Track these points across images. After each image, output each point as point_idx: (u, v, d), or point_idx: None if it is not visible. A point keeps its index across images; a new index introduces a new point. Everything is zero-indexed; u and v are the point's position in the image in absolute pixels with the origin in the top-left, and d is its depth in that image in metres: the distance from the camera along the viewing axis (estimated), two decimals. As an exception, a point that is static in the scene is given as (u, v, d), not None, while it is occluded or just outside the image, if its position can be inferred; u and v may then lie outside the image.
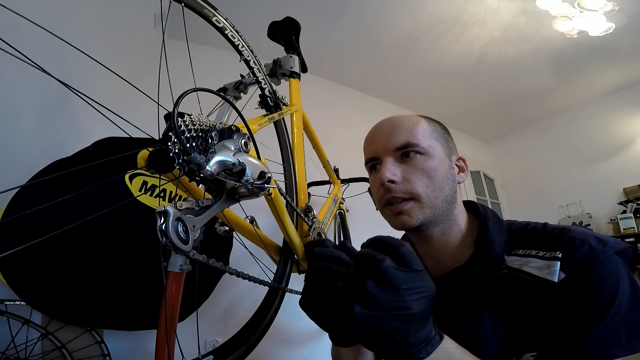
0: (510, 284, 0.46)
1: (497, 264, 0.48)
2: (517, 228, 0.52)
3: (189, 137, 0.44)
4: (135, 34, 1.58)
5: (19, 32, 0.60)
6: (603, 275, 0.40)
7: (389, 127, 0.54)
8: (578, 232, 0.45)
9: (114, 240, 0.95)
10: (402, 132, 0.52)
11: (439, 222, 0.52)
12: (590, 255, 0.41)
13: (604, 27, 2.13)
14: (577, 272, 0.41)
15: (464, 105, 3.35)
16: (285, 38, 1.23)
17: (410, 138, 0.51)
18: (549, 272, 0.43)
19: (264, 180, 0.54)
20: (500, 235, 0.51)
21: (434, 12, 2.18)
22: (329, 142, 1.54)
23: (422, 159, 0.51)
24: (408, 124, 0.54)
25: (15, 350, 0.89)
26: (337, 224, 1.86)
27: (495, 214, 0.55)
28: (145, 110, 0.63)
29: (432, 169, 0.51)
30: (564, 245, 0.43)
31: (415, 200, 0.50)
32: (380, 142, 0.54)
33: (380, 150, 0.53)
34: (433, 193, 0.50)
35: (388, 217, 0.53)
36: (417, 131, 0.52)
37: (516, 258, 0.47)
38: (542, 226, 0.50)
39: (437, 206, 0.50)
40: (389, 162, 0.51)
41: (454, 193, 0.53)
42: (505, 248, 0.50)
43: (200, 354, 0.61)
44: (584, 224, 3.28)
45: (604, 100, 3.37)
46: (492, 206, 3.77)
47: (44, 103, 1.05)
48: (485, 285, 0.48)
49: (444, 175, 0.52)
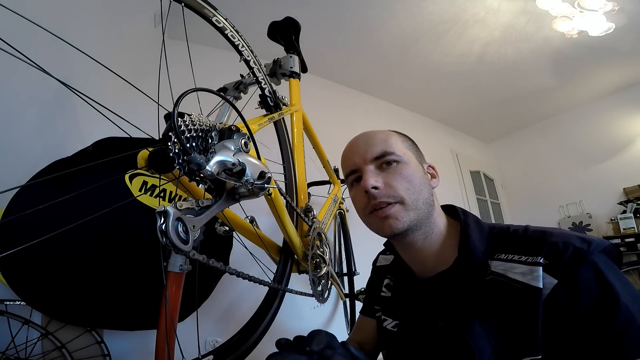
0: (496, 290, 0.46)
1: (481, 269, 0.49)
2: (499, 231, 0.53)
3: (189, 137, 0.44)
4: (135, 34, 1.58)
5: (19, 32, 0.60)
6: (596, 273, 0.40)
7: (364, 140, 0.59)
8: (559, 234, 0.45)
9: (114, 240, 0.95)
10: (378, 143, 0.57)
11: (421, 226, 0.53)
12: (577, 255, 0.42)
13: (604, 27, 2.13)
14: (568, 276, 0.41)
15: (464, 105, 3.35)
16: (285, 38, 1.23)
17: (386, 147, 0.56)
18: (533, 278, 0.43)
19: (264, 180, 0.54)
20: (481, 240, 0.52)
21: (434, 12, 2.18)
22: (329, 142, 1.54)
23: (399, 166, 0.54)
24: (381, 135, 0.58)
25: (15, 350, 0.89)
26: (337, 224, 1.86)
27: (476, 219, 0.57)
28: (145, 110, 0.63)
29: (409, 174, 0.54)
30: (547, 251, 0.44)
31: (400, 204, 0.52)
32: (359, 154, 0.57)
33: (360, 161, 0.56)
34: (414, 195, 0.53)
35: (375, 223, 0.54)
36: (390, 142, 0.57)
37: (499, 263, 0.48)
38: (523, 229, 0.50)
39: (420, 208, 0.53)
40: (370, 170, 0.55)
41: (432, 196, 0.56)
42: (487, 252, 0.50)
43: (200, 354, 0.61)
44: (584, 224, 3.28)
45: (604, 100, 3.37)
46: (492, 206, 3.79)
47: (44, 103, 1.05)
48: (472, 291, 0.48)
49: (420, 179, 0.55)
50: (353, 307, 1.69)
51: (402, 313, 0.59)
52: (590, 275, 0.40)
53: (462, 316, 0.47)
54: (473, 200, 3.48)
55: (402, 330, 0.57)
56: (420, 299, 0.56)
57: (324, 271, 0.97)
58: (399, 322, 0.59)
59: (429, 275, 0.55)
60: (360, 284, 1.63)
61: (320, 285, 0.98)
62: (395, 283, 0.65)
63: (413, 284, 0.59)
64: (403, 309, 0.59)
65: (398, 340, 0.58)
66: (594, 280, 0.40)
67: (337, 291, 1.67)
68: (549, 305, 0.41)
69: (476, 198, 3.55)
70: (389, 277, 0.67)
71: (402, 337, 0.57)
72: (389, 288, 0.66)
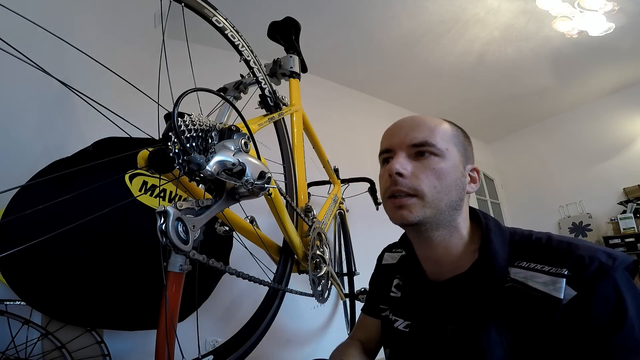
0: (515, 298, 0.45)
1: (501, 276, 0.48)
2: (520, 238, 0.52)
3: (189, 137, 0.44)
4: (135, 34, 1.58)
5: (19, 32, 0.60)
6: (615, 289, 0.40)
7: (410, 123, 0.55)
8: (586, 248, 0.45)
9: (114, 240, 0.95)
10: (423, 130, 0.53)
11: (440, 226, 0.52)
12: (601, 271, 0.41)
13: (604, 27, 2.13)
14: (588, 289, 0.41)
15: (464, 105, 3.35)
16: (285, 38, 1.23)
17: (429, 137, 0.52)
18: (555, 289, 0.42)
19: (264, 180, 0.54)
20: (503, 246, 0.51)
21: (434, 12, 2.18)
22: (329, 142, 1.54)
23: (434, 160, 0.51)
24: (430, 123, 0.54)
25: (15, 350, 0.89)
26: (337, 224, 1.86)
27: (497, 223, 0.55)
28: (145, 110, 0.63)
29: (443, 172, 0.50)
30: (573, 264, 0.43)
31: (419, 198, 0.50)
32: (399, 136, 0.54)
33: (397, 143, 0.54)
34: (438, 195, 0.50)
35: (389, 209, 0.53)
36: (437, 132, 0.53)
37: (520, 270, 0.47)
38: (546, 238, 0.49)
39: (440, 209, 0.50)
40: (402, 156, 0.52)
41: (460, 200, 0.53)
42: (509, 259, 0.49)
43: (200, 354, 0.61)
44: (584, 224, 3.28)
45: (604, 100, 3.37)
46: (492, 206, 3.79)
47: (44, 103, 1.05)
48: (491, 297, 0.47)
49: (454, 180, 0.51)
50: (353, 307, 1.68)
51: (413, 314, 0.58)
52: (610, 291, 0.40)
53: (477, 321, 0.47)
54: (473, 200, 3.48)
55: (414, 331, 0.57)
56: (432, 300, 0.55)
57: (324, 271, 0.97)
58: (411, 322, 0.58)
59: (444, 278, 0.54)
60: (360, 284, 1.63)
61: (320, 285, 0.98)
62: (405, 283, 0.64)
63: (424, 285, 0.57)
64: (414, 310, 0.58)
65: (409, 340, 0.57)
66: (612, 297, 0.40)
67: (337, 291, 1.67)
68: (564, 315, 0.41)
69: (476, 198, 3.55)
70: (399, 277, 0.66)
71: (413, 337, 0.56)
72: (399, 288, 0.64)
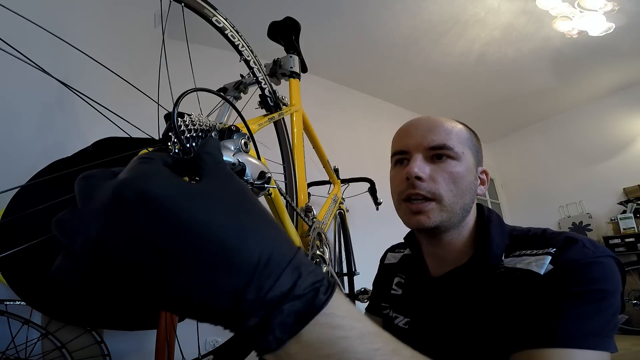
0: (504, 282, 0.47)
1: (495, 264, 0.49)
2: (519, 233, 0.52)
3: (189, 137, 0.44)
4: (135, 34, 1.58)
5: (19, 32, 0.60)
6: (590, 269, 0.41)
7: (427, 125, 0.54)
8: (576, 234, 0.46)
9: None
10: (440, 132, 0.52)
11: (451, 228, 0.52)
12: (582, 252, 0.42)
13: (604, 27, 2.13)
14: (565, 265, 0.42)
15: (464, 105, 3.35)
16: (285, 38, 1.22)
17: (447, 140, 0.51)
18: (536, 265, 0.44)
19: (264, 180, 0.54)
20: (501, 237, 0.51)
21: (434, 12, 2.18)
22: (329, 142, 1.54)
23: (452, 164, 0.51)
24: (447, 125, 0.53)
25: (15, 350, 0.89)
26: (337, 224, 1.86)
27: (499, 218, 0.56)
28: (145, 110, 0.63)
29: (459, 175, 0.50)
30: (559, 243, 0.45)
31: (437, 202, 0.50)
32: (415, 138, 0.53)
33: (413, 145, 0.53)
34: (455, 198, 0.50)
35: (404, 213, 0.53)
36: (454, 134, 0.52)
37: (512, 259, 0.48)
38: (542, 231, 0.50)
39: (455, 212, 0.50)
40: (419, 158, 0.51)
41: (472, 203, 0.53)
42: (506, 250, 0.50)
43: (200, 354, 0.61)
44: (584, 224, 3.28)
45: (604, 100, 3.37)
46: (492, 206, 3.78)
47: (44, 103, 1.05)
48: (483, 284, 0.48)
49: (469, 184, 0.52)
50: (353, 307, 1.68)
51: (413, 310, 0.59)
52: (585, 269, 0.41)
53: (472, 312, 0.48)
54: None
55: (414, 328, 0.57)
56: (431, 295, 0.55)
57: (324, 271, 0.97)
58: (411, 319, 0.58)
59: (444, 272, 0.54)
60: (360, 284, 1.63)
61: (320, 285, 0.98)
62: (406, 280, 0.64)
63: (425, 281, 0.58)
64: (414, 306, 0.59)
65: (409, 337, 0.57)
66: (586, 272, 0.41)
67: (337, 291, 1.67)
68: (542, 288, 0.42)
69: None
70: (400, 275, 0.66)
71: (413, 334, 0.57)
72: (400, 285, 0.65)
